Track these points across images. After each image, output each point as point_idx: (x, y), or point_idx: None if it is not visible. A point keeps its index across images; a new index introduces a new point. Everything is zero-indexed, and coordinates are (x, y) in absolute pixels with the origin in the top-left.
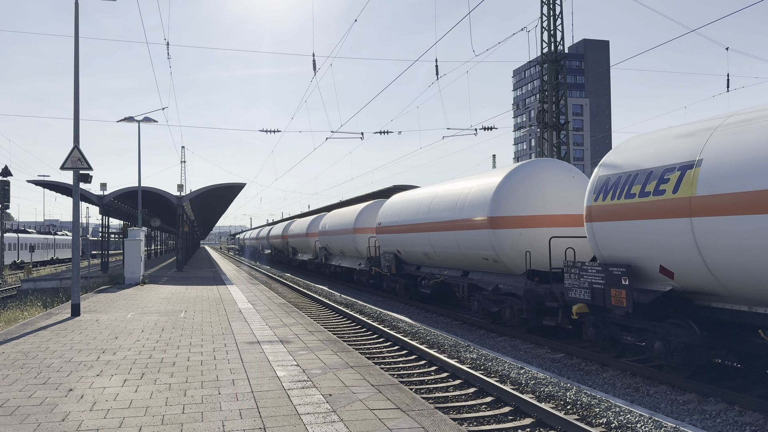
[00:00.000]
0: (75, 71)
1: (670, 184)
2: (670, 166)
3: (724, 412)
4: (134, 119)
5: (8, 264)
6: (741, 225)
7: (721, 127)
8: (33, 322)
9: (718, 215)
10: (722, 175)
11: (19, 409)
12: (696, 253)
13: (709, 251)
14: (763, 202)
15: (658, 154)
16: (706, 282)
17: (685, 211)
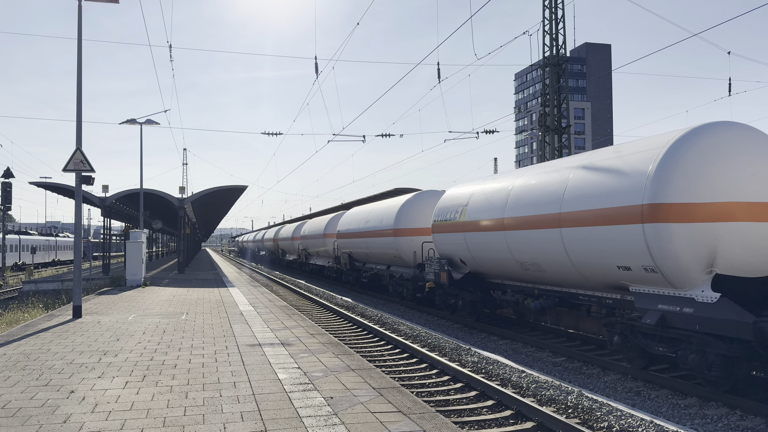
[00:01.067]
0: (78, 73)
1: (458, 214)
2: (460, 204)
3: (725, 417)
4: (136, 121)
5: (10, 265)
6: (481, 238)
7: (478, 185)
8: (35, 324)
9: (474, 231)
10: (474, 210)
11: (20, 411)
12: (468, 251)
13: (473, 250)
14: (480, 227)
15: (458, 197)
16: (478, 267)
17: (461, 228)
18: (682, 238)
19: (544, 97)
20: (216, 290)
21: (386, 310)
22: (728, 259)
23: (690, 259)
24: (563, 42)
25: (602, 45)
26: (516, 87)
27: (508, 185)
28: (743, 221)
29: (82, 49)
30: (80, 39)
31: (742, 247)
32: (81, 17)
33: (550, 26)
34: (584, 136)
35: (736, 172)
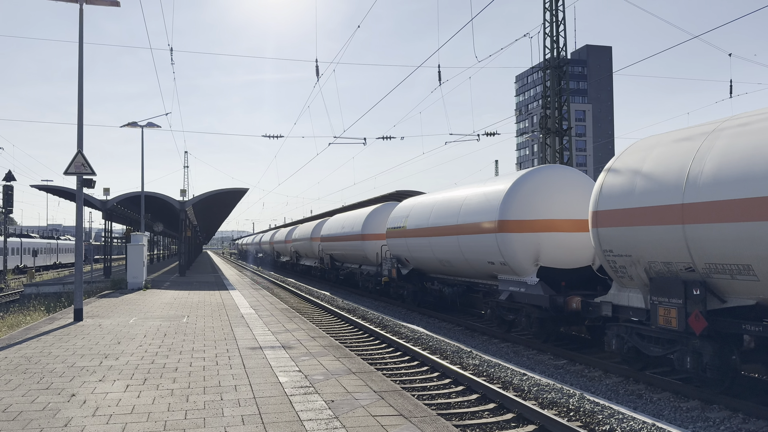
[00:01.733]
0: (79, 77)
1: (402, 223)
2: (404, 215)
3: (728, 420)
4: (137, 124)
5: (11, 268)
6: (416, 242)
7: (419, 199)
8: (36, 327)
9: (412, 237)
10: (412, 220)
11: (21, 414)
12: (408, 252)
13: (412, 251)
14: (415, 233)
15: (404, 209)
16: (417, 264)
17: (404, 234)
18: (519, 242)
19: (545, 99)
20: (217, 293)
21: (386, 312)
22: (547, 256)
23: (523, 256)
24: (564, 44)
25: (603, 47)
26: (517, 89)
27: (433, 201)
28: (557, 231)
29: (83, 52)
30: (81, 42)
31: (556, 248)
32: (82, 20)
33: (550, 28)
34: (585, 138)
35: (552, 200)
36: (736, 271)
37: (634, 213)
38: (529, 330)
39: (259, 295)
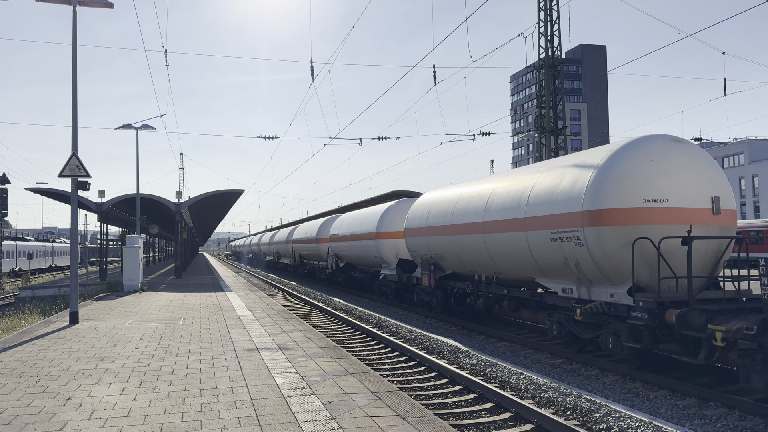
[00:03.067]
0: (73, 79)
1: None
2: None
3: (724, 417)
4: (132, 126)
5: (6, 272)
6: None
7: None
8: (31, 330)
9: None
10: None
11: (17, 419)
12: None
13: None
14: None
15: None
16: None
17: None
18: (386, 245)
19: (539, 98)
20: (213, 295)
21: (383, 313)
22: (402, 253)
23: (389, 254)
24: (558, 43)
25: (597, 46)
26: (512, 89)
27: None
28: (398, 238)
29: (77, 54)
30: (75, 44)
31: (405, 248)
32: (76, 22)
33: (545, 28)
34: (580, 138)
35: (392, 220)
36: (442, 258)
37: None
38: (387, 298)
39: (256, 296)
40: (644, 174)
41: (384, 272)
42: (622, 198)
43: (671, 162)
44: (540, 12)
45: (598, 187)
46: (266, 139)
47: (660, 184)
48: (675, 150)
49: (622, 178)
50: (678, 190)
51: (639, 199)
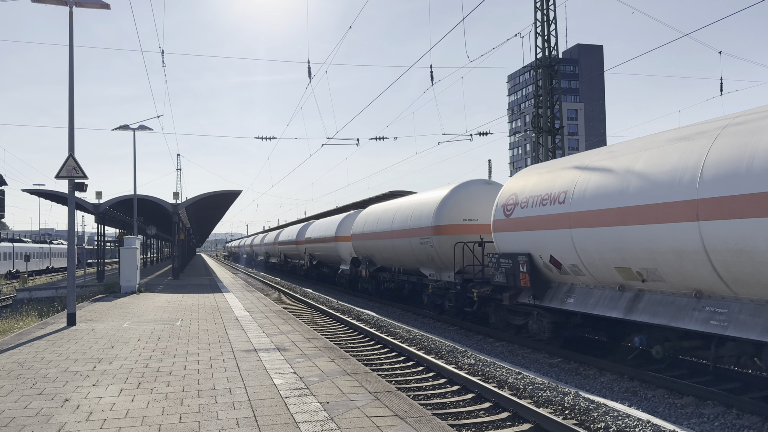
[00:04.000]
0: (70, 80)
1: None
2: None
3: (722, 416)
4: (129, 127)
5: (3, 273)
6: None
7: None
8: (28, 332)
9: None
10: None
11: (14, 421)
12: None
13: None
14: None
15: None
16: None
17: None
18: (342, 247)
19: (537, 98)
20: (211, 296)
21: (381, 313)
22: (355, 252)
23: (345, 253)
24: (555, 43)
25: (594, 46)
26: (509, 89)
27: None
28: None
29: (74, 55)
30: (72, 45)
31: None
32: (72, 23)
33: (542, 28)
34: (578, 137)
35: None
36: (373, 256)
37: None
38: (342, 285)
39: (254, 297)
40: (464, 204)
41: (342, 267)
42: (451, 218)
43: (481, 197)
44: (537, 12)
45: (439, 211)
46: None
47: (472, 210)
48: (484, 189)
49: (452, 206)
50: (482, 213)
51: (460, 219)
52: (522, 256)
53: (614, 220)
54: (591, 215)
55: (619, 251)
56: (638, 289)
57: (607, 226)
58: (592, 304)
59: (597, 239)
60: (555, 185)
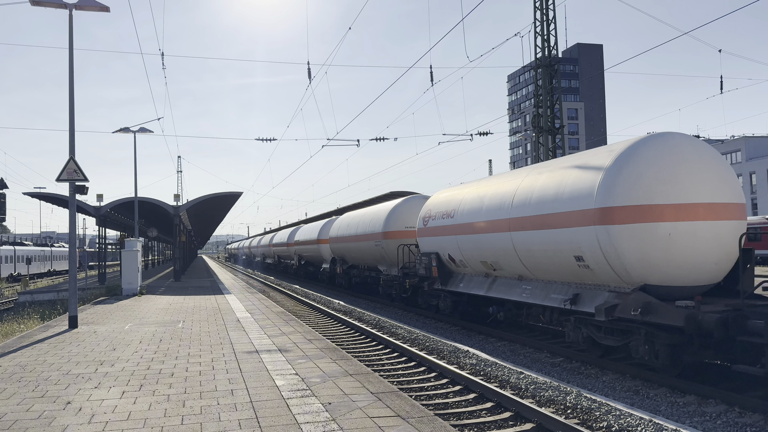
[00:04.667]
0: (70, 83)
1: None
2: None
3: (724, 414)
4: (130, 130)
5: (5, 276)
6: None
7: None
8: (30, 335)
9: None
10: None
11: (16, 423)
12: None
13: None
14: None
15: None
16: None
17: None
18: (324, 248)
19: (537, 98)
20: (212, 297)
21: (382, 313)
22: (332, 253)
23: (326, 254)
24: (555, 43)
25: (594, 45)
26: (509, 88)
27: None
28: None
29: (74, 58)
30: (72, 48)
31: None
32: (72, 26)
33: (541, 27)
34: (578, 137)
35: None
36: (344, 255)
37: None
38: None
39: (255, 298)
40: (406, 214)
41: (323, 266)
42: (396, 225)
43: (419, 209)
44: (536, 11)
45: (387, 220)
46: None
47: (412, 219)
48: (422, 203)
49: (397, 216)
50: (415, 222)
51: (403, 226)
52: (433, 255)
53: (476, 229)
54: (466, 227)
55: (480, 251)
56: (494, 276)
57: (474, 234)
58: (472, 286)
59: (470, 243)
60: (450, 204)
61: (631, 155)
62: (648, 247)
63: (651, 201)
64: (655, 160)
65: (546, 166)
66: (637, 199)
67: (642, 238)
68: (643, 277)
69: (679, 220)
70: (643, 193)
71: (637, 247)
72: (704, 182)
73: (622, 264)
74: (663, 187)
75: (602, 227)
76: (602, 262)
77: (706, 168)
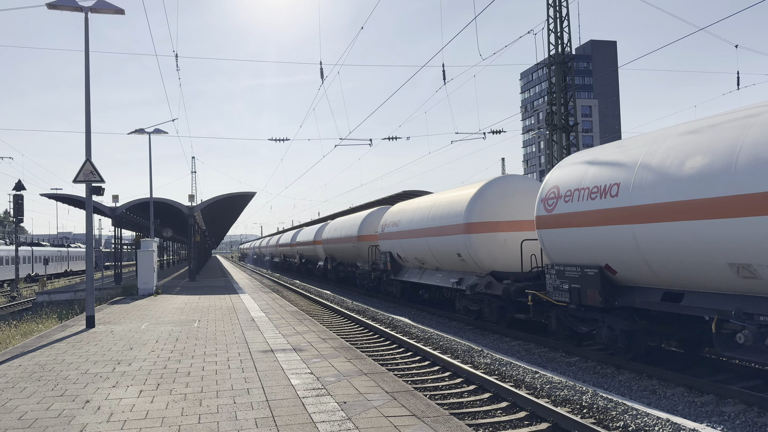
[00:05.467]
0: (86, 85)
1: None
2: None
3: (743, 414)
4: (145, 131)
5: (23, 277)
6: None
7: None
8: (49, 335)
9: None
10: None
11: (37, 422)
12: None
13: None
14: None
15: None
16: None
17: None
18: (319, 248)
19: (550, 95)
20: (227, 297)
21: (396, 312)
22: (325, 252)
23: (321, 252)
24: (568, 40)
25: (608, 42)
26: (522, 86)
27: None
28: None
29: (89, 60)
30: (87, 51)
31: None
32: (88, 29)
33: (554, 25)
34: (592, 134)
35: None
36: (333, 254)
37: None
38: None
39: (269, 298)
40: (375, 221)
41: (319, 263)
42: (368, 230)
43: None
44: (549, 8)
45: (361, 225)
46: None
47: (378, 225)
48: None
49: (369, 222)
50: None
51: (373, 231)
52: (388, 254)
53: (410, 235)
54: (406, 233)
55: (413, 250)
56: (425, 268)
57: (411, 238)
58: (411, 276)
59: (408, 245)
60: (397, 216)
61: (483, 190)
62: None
63: (494, 218)
64: (497, 192)
65: (443, 194)
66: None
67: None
68: (491, 267)
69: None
70: (490, 213)
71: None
72: (528, 206)
73: (478, 259)
74: (501, 210)
75: (467, 236)
76: (469, 258)
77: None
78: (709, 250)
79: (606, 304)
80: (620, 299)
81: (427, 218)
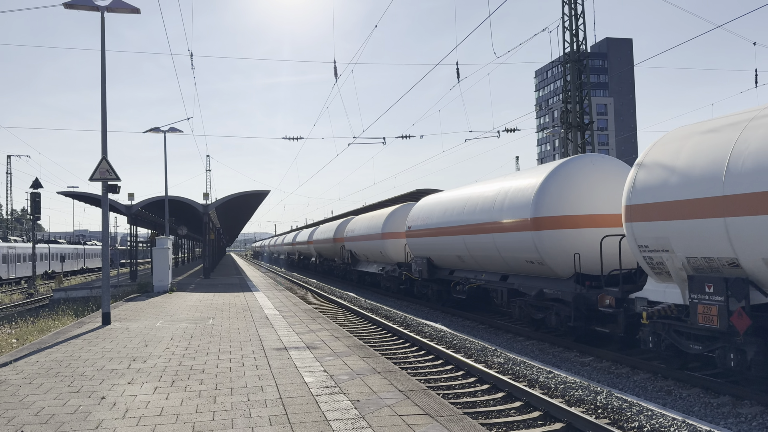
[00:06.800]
0: (102, 84)
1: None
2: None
3: (759, 415)
4: (160, 130)
5: (40, 274)
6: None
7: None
8: (65, 331)
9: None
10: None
11: (53, 418)
12: None
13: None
14: None
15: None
16: None
17: None
18: (340, 247)
19: (565, 93)
20: (241, 295)
21: (409, 311)
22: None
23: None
24: (583, 38)
25: (623, 39)
26: (536, 84)
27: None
28: None
29: (105, 60)
30: (104, 50)
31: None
32: (104, 29)
33: (569, 22)
34: (607, 132)
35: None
36: (353, 250)
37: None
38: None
39: (282, 296)
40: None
41: (338, 261)
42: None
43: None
44: (564, 6)
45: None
46: (291, 139)
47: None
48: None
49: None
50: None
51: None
52: (348, 251)
53: (359, 239)
54: (359, 238)
55: (362, 249)
56: (370, 261)
57: (361, 241)
58: (364, 266)
59: (361, 246)
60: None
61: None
62: None
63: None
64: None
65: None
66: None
67: None
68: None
69: None
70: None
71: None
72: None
73: (543, 258)
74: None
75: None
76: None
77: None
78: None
79: None
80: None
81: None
